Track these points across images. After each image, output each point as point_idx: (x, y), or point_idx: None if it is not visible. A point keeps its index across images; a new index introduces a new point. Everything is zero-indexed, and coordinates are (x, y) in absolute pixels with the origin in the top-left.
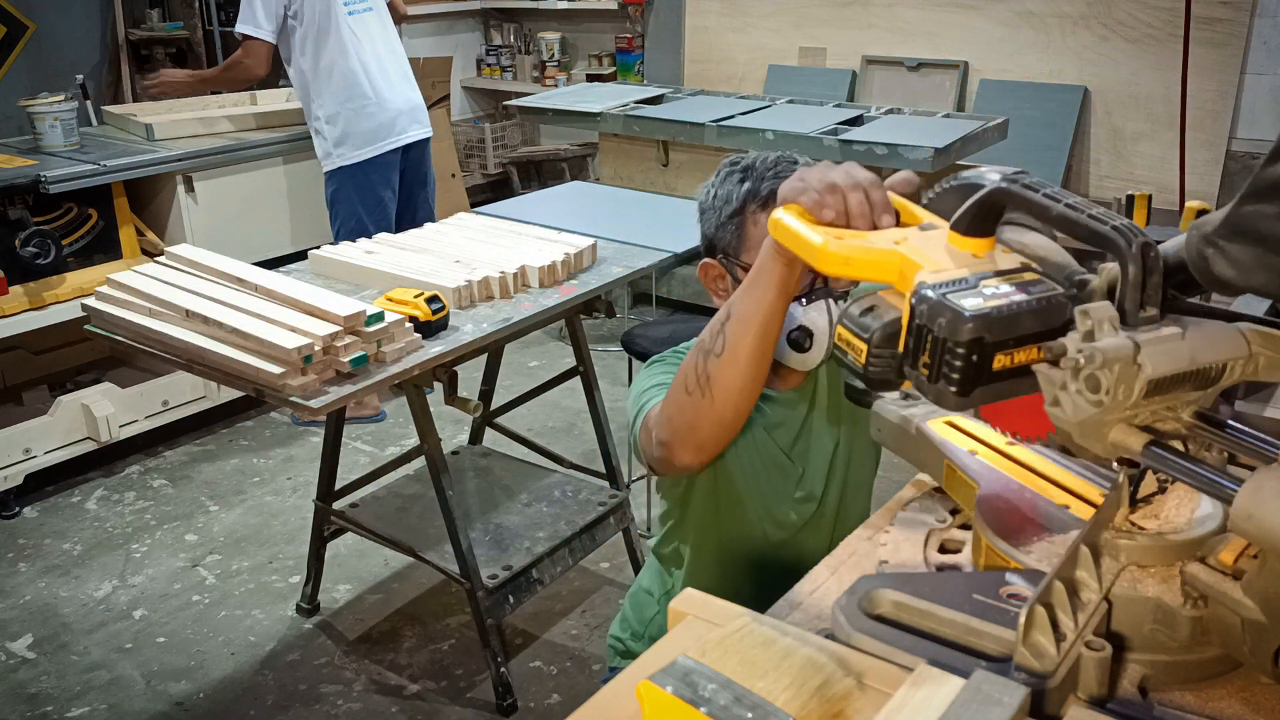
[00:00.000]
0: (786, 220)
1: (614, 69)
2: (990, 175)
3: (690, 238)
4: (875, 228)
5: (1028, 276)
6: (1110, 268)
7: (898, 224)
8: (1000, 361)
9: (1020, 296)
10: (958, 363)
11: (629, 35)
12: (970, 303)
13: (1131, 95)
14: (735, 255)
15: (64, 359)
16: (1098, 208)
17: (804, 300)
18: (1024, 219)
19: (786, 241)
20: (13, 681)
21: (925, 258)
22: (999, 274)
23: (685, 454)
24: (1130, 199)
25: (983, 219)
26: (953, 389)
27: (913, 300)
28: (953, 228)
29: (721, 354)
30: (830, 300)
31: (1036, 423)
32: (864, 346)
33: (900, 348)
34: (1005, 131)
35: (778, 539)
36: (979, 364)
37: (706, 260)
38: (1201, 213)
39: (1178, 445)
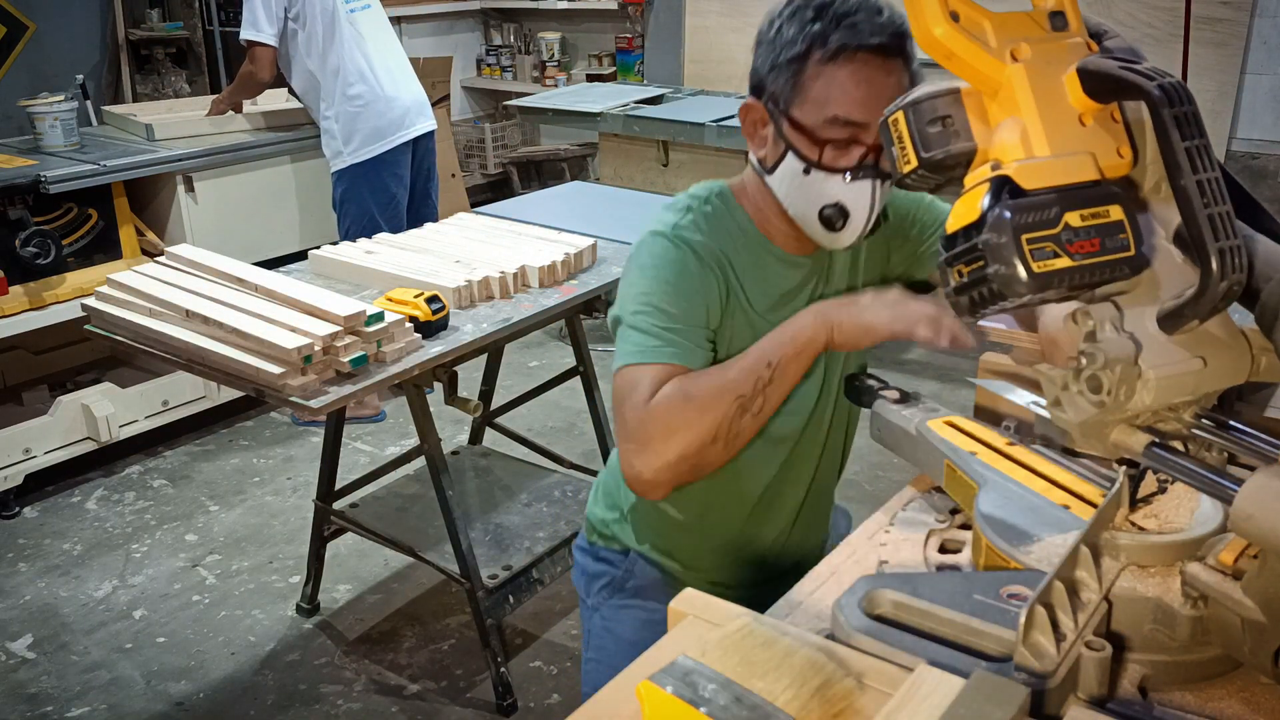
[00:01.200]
0: None
1: (614, 69)
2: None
3: None
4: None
5: (1113, 215)
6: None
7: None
8: (1027, 300)
9: (1089, 256)
10: (989, 298)
11: (629, 35)
12: (1038, 258)
13: None
14: (784, 106)
15: (64, 359)
16: (1225, 205)
17: (848, 175)
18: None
19: None
20: (13, 681)
21: (1031, 100)
22: (1083, 202)
23: (671, 482)
24: None
25: (1111, 94)
26: (967, 310)
27: (984, 208)
28: (1080, 72)
29: (759, 414)
30: (878, 182)
31: None
32: (914, 160)
33: (948, 228)
34: None
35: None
36: (1007, 305)
37: (751, 101)
38: None
39: (1179, 445)
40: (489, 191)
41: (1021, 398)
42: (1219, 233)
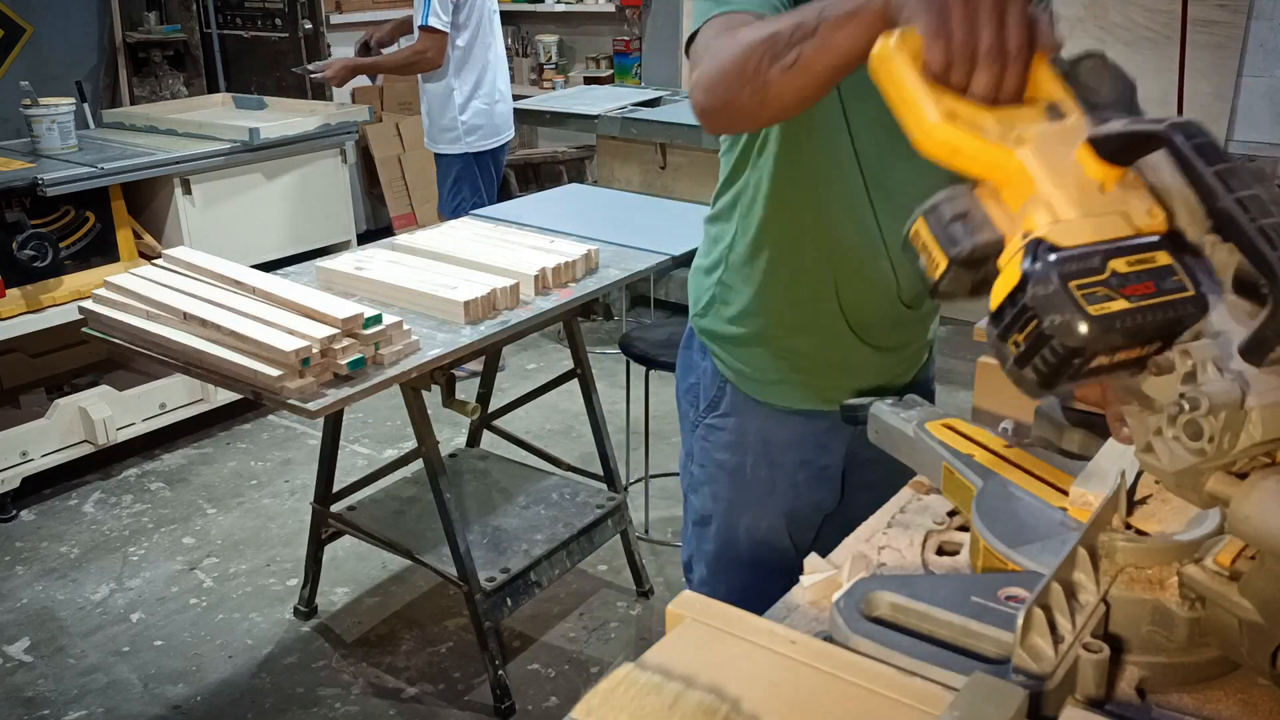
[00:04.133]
0: (899, 67)
1: (611, 71)
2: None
3: (687, 241)
4: (999, 90)
5: (1160, 260)
6: (1241, 261)
7: (1022, 92)
8: (1099, 361)
9: (1146, 298)
10: (1056, 362)
11: (626, 38)
12: (1093, 303)
13: None
14: None
15: (61, 362)
16: (1273, 218)
17: None
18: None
19: (889, 91)
20: (10, 685)
21: (1046, 181)
22: (1127, 250)
23: (714, 123)
24: None
25: (1128, 151)
26: (1036, 381)
27: (1025, 266)
28: (1090, 141)
29: (790, 68)
30: None
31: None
32: (944, 262)
33: (991, 305)
34: None
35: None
36: (1078, 365)
37: None
38: None
39: None
40: None
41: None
42: (1275, 242)
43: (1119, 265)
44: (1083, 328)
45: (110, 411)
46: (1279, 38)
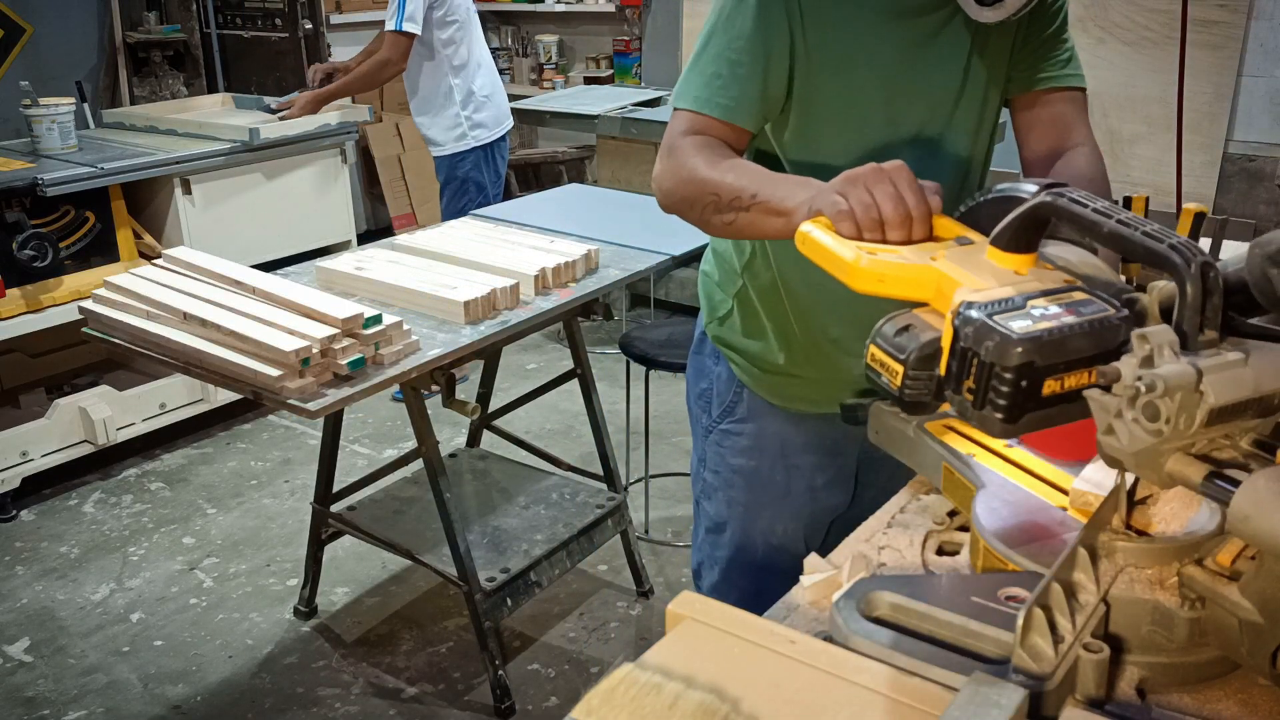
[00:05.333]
0: (815, 235)
1: (611, 71)
2: (1027, 187)
3: (687, 241)
4: (910, 241)
5: (1077, 296)
6: (1161, 285)
7: (931, 238)
8: (1050, 387)
9: (1071, 318)
10: (1005, 388)
11: (626, 38)
12: (1019, 324)
13: (1129, 98)
14: None
15: (61, 362)
16: (1152, 224)
17: None
18: (1067, 234)
19: (815, 257)
20: (9, 685)
21: (965, 275)
22: (1046, 293)
23: (670, 213)
24: (1127, 201)
25: (1025, 234)
26: (999, 416)
27: (955, 321)
28: (993, 243)
29: (728, 225)
30: None
31: (1081, 445)
32: (900, 368)
33: (941, 370)
34: (1002, 134)
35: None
36: (1028, 390)
37: None
38: (1200, 215)
39: (1237, 475)
40: None
41: None
42: (1160, 238)
43: (1039, 303)
44: (1016, 345)
45: (110, 411)
46: (1279, 38)
